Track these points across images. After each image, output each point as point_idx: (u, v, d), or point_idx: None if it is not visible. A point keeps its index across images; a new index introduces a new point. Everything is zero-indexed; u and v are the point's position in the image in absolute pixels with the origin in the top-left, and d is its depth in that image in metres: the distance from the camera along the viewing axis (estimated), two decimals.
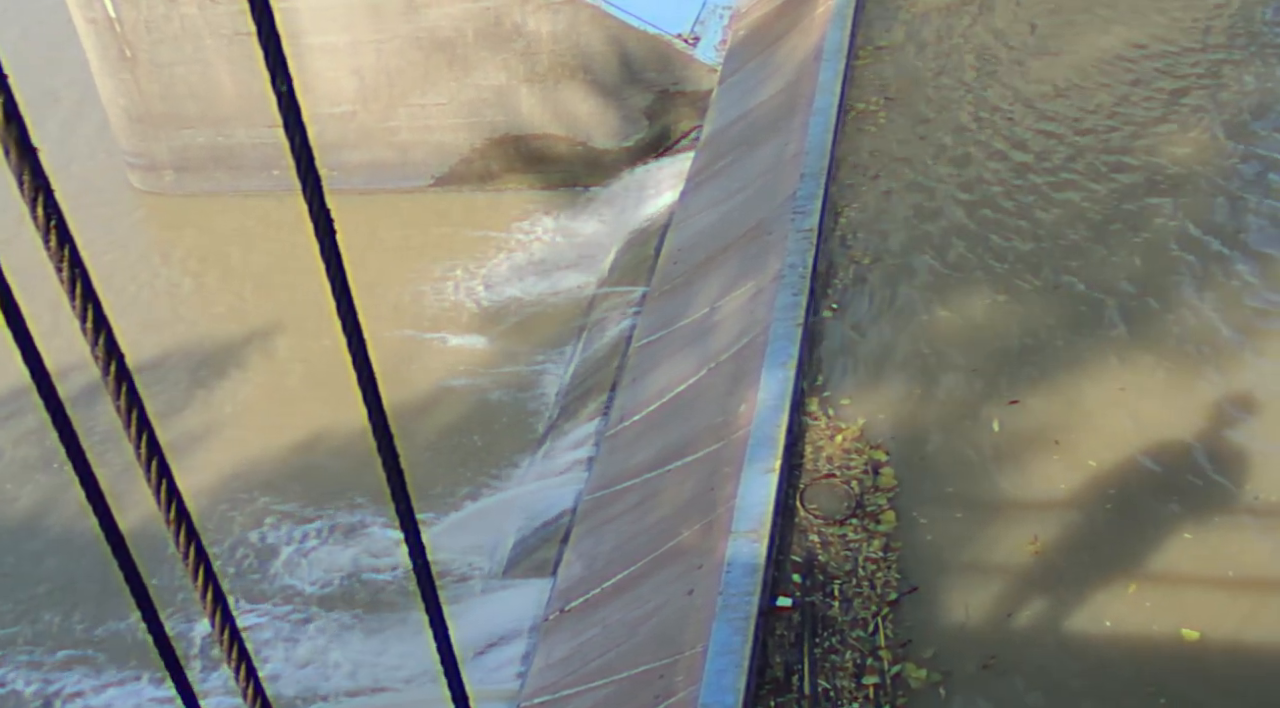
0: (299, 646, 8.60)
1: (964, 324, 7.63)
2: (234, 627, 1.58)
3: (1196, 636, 5.47)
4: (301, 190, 1.59)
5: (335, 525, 9.59)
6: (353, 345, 1.66)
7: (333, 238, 1.61)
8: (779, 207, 8.81)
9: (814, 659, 5.63)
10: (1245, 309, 7.46)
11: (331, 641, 8.59)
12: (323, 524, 9.68)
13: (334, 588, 9.07)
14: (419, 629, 8.11)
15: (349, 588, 9.05)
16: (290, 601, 9.05)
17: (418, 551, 1.83)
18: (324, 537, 9.54)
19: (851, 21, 10.95)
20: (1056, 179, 8.90)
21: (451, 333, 11.50)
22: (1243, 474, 6.29)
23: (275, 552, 9.45)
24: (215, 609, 1.54)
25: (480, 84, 13.06)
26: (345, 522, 9.66)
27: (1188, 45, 10.41)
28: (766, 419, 6.89)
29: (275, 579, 9.25)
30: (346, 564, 9.25)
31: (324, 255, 1.61)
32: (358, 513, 9.72)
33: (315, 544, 9.48)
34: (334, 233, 1.62)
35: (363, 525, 9.55)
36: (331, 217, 1.62)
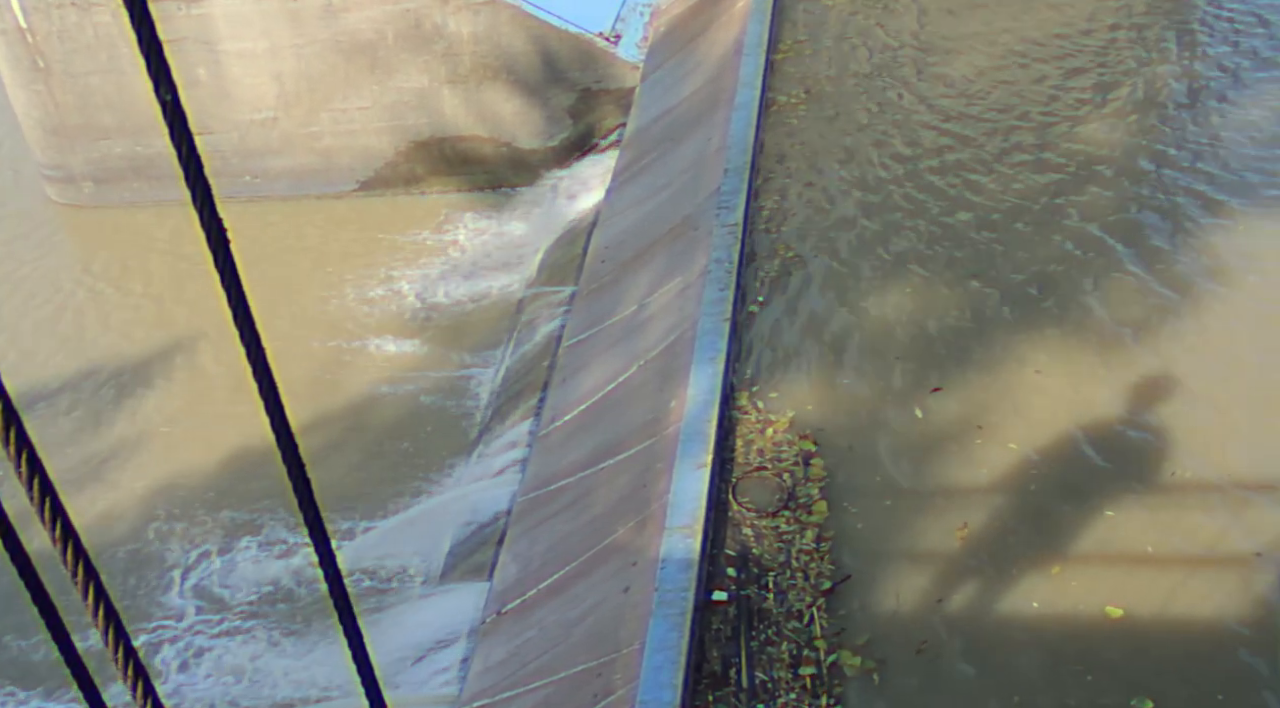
0: (231, 656, 8.49)
1: (887, 314, 7.71)
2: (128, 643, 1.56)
3: (1120, 613, 5.58)
4: (191, 199, 1.57)
5: (268, 535, 9.49)
6: (252, 355, 1.64)
7: (226, 247, 1.58)
8: (704, 202, 8.84)
9: (751, 652, 5.66)
10: (1156, 293, 7.62)
11: (264, 651, 8.49)
12: (255, 534, 9.57)
13: (267, 598, 8.97)
14: None
15: (282, 598, 8.95)
16: (222, 611, 8.93)
17: (328, 560, 1.81)
18: (257, 547, 9.42)
19: (771, 15, 11.01)
20: (976, 166, 9.03)
21: (381, 338, 11.41)
22: (1160, 453, 6.43)
23: (208, 563, 9.32)
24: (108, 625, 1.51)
25: (403, 87, 12.97)
26: (278, 531, 9.56)
27: (1082, 37, 10.62)
28: (697, 414, 6.91)
29: (207, 591, 9.13)
30: (279, 574, 9.15)
31: (217, 265, 1.58)
32: (290, 522, 9.62)
33: (248, 555, 9.37)
34: (227, 242, 1.59)
35: (295, 535, 9.45)
36: (224, 225, 1.60)
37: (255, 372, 1.66)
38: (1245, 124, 9.18)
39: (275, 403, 1.67)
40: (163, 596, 9.10)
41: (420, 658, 7.54)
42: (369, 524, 9.36)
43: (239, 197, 13.50)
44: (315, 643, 8.53)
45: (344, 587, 1.94)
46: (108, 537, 9.56)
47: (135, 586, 9.17)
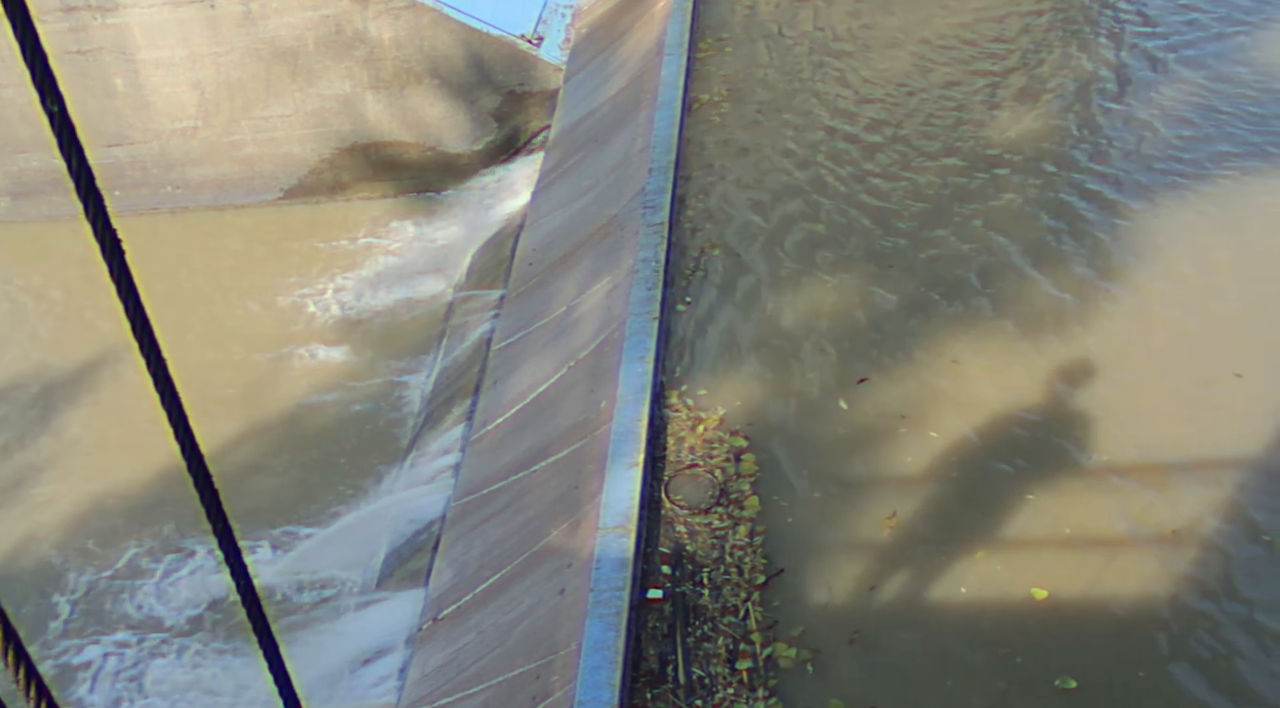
0: (169, 673, 8.38)
1: (811, 307, 7.79)
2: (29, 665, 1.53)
3: (1045, 594, 5.69)
4: (84, 212, 1.55)
5: (202, 550, 9.36)
6: (152, 365, 1.62)
7: (122, 259, 1.57)
8: (629, 202, 8.86)
9: (687, 648, 5.68)
10: (1077, 279, 7.77)
11: (201, 667, 8.38)
12: (188, 549, 9.44)
13: (202, 613, 8.85)
14: (291, 649, 7.96)
15: (218, 613, 8.84)
16: (158, 629, 8.81)
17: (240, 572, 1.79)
18: (191, 562, 9.30)
19: (691, 14, 11.06)
20: (893, 163, 9.15)
21: (310, 347, 11.29)
22: (1080, 437, 6.58)
23: (141, 580, 9.19)
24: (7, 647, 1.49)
25: (325, 93, 12.85)
26: (210, 545, 9.44)
27: (997, 35, 10.79)
28: (627, 414, 6.92)
29: (143, 608, 8.99)
30: (215, 589, 9.04)
31: (113, 276, 1.56)
32: None
33: (182, 570, 9.24)
34: (123, 254, 1.57)
35: None
36: (119, 237, 1.58)
37: (156, 383, 1.65)
38: (1144, 121, 9.40)
39: (179, 415, 1.66)
40: (100, 613, 8.96)
41: (358, 668, 7.48)
42: (303, 534, 9.27)
43: (161, 207, 13.30)
44: (254, 658, 8.44)
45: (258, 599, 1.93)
46: (28, 558, 9.39)
47: (66, 606, 9.01)
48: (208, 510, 1.78)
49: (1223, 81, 9.77)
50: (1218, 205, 8.34)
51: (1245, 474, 6.29)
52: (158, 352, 1.60)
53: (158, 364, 1.60)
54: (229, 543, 1.77)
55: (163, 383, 1.63)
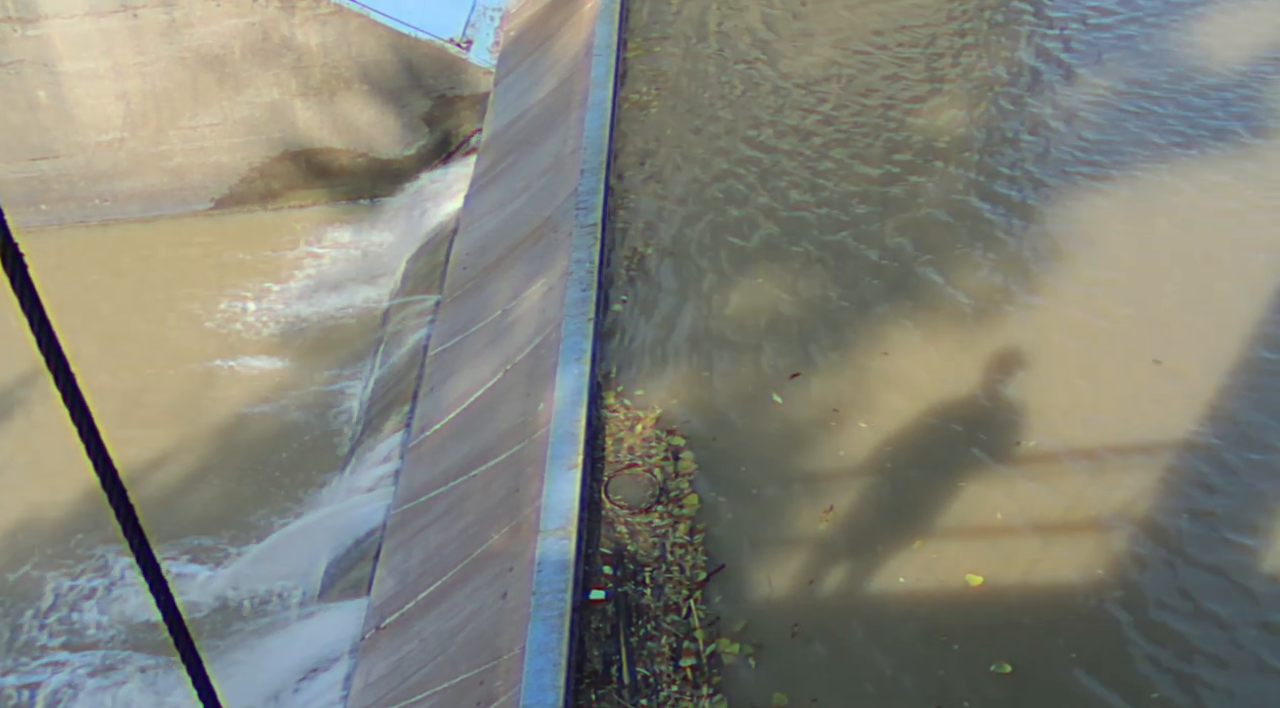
0: (107, 693, 8.26)
1: (745, 304, 7.84)
2: None
3: (979, 581, 5.78)
4: None
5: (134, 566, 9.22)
6: (60, 382, 1.60)
7: (24, 272, 1.55)
8: (563, 203, 8.86)
9: (631, 648, 5.70)
10: (1004, 271, 7.89)
11: (141, 685, 8.27)
12: (127, 567, 9.30)
13: (142, 631, 8.73)
14: (233, 665, 7.89)
15: (158, 630, 8.72)
16: (97, 646, 8.68)
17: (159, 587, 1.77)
18: (129, 579, 9.16)
19: (620, 15, 11.07)
20: (825, 158, 9.23)
21: (246, 358, 11.17)
22: (1010, 426, 6.68)
23: (78, 599, 9.04)
24: None
25: (254, 101, 12.72)
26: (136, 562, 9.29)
27: (924, 28, 10.92)
28: (565, 416, 6.92)
29: (80, 627, 8.86)
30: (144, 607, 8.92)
31: (15, 289, 1.54)
32: (164, 551, 9.37)
33: (120, 588, 9.11)
34: (25, 267, 1.55)
35: (167, 563, 9.23)
36: (20, 251, 1.56)
37: (65, 398, 1.63)
38: (1074, 111, 9.55)
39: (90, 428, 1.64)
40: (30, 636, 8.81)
41: (302, 681, 7.42)
42: (243, 548, 9.17)
43: (89, 221, 13.10)
44: None
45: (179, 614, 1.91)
46: None
47: None
48: (123, 526, 1.76)
49: (1146, 72, 9.95)
50: (1139, 196, 8.51)
51: (1171, 457, 6.43)
52: (65, 366, 1.58)
53: (66, 379, 1.58)
54: (146, 557, 1.76)
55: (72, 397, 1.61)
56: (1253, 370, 6.95)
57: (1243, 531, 6.00)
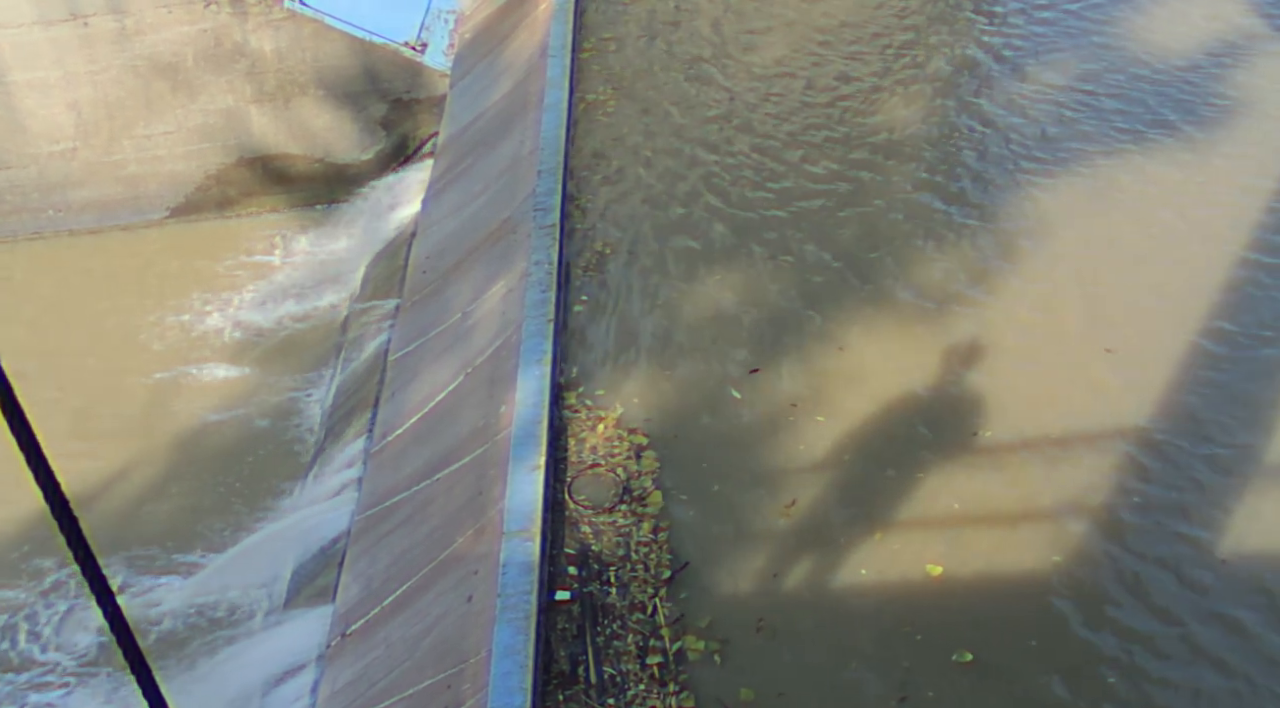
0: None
1: (704, 301, 7.88)
2: None
3: (940, 570, 5.84)
4: None
5: None
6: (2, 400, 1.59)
7: None
8: (521, 205, 8.86)
9: (597, 648, 5.71)
10: (959, 263, 7.97)
11: (104, 699, 8.21)
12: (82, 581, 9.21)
13: (105, 644, 8.66)
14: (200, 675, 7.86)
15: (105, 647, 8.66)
16: (59, 663, 8.61)
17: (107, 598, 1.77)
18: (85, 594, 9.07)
19: (574, 15, 11.07)
20: (780, 154, 9.29)
21: (206, 367, 11.10)
22: (970, 416, 6.77)
23: (36, 615, 8.95)
24: None
25: (208, 108, 12.63)
26: (114, 572, 9.23)
27: (875, 23, 11.00)
28: (527, 417, 6.92)
29: (42, 642, 8.78)
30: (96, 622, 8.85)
31: None
32: (128, 564, 9.30)
33: (78, 603, 9.03)
34: None
35: (131, 577, 9.15)
36: None
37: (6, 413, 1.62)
38: (1019, 106, 9.65)
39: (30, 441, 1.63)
40: None
41: (270, 689, 7.38)
42: (207, 558, 9.12)
43: (43, 232, 12.97)
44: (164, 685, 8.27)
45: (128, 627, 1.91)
46: None
47: None
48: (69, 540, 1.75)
49: (1089, 65, 10.07)
50: (1086, 189, 8.63)
51: (1124, 446, 6.53)
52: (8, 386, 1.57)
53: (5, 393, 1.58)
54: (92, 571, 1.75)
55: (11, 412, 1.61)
56: (1202, 359, 7.07)
57: (1193, 519, 6.11)
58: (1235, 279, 7.65)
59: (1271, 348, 7.11)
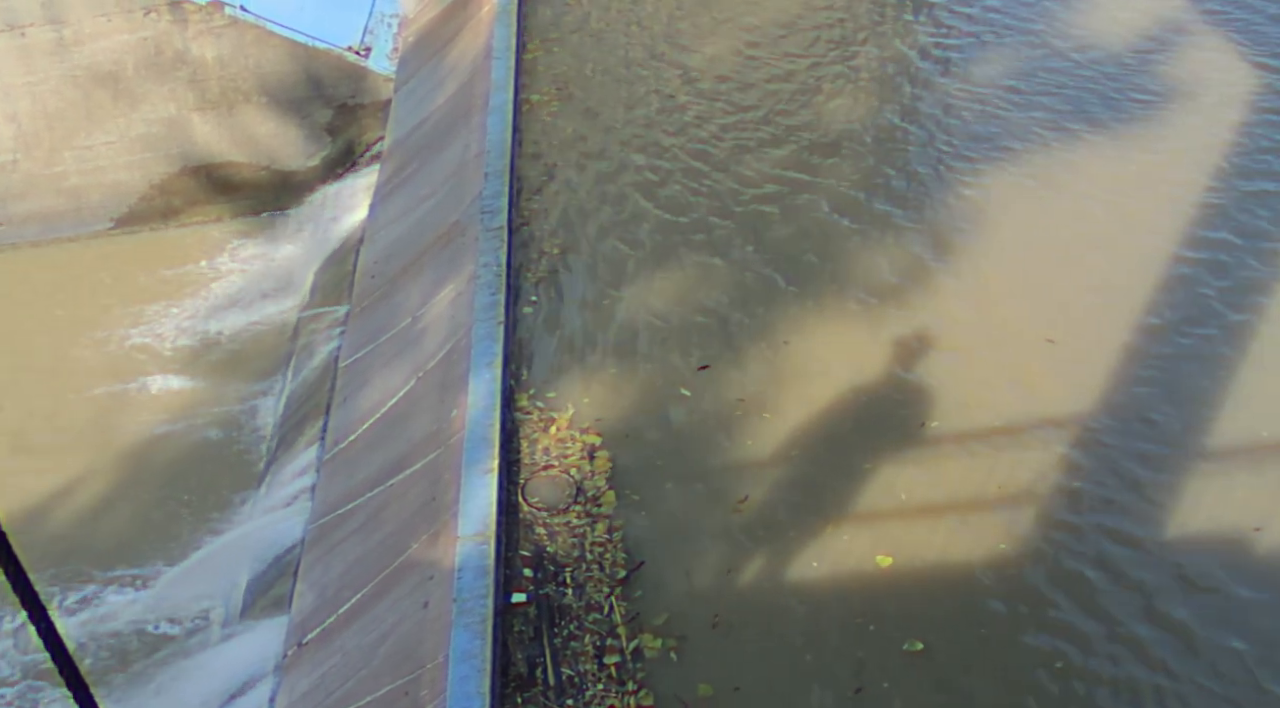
0: None
1: (652, 301, 7.92)
2: None
3: (890, 561, 5.90)
4: None
5: (54, 594, 9.04)
6: None
7: None
8: (468, 208, 8.84)
9: (555, 649, 5.72)
10: (904, 257, 8.07)
11: None
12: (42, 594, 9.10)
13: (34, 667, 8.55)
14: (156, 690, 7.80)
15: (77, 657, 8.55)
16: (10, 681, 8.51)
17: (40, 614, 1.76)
18: None
19: (517, 16, 11.07)
20: (726, 151, 9.35)
21: (155, 378, 10.97)
22: (918, 407, 6.85)
23: None
24: None
25: (150, 117, 12.51)
26: (66, 589, 9.13)
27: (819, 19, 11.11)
28: (479, 421, 6.92)
29: None
30: (72, 632, 8.76)
31: None
32: (79, 579, 9.21)
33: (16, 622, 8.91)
34: None
35: (82, 592, 9.06)
36: None
37: None
38: (959, 99, 9.77)
39: None
40: None
41: (227, 702, 7.34)
42: (161, 571, 9.04)
43: None
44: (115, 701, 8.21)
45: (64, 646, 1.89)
46: None
47: None
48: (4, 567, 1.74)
49: (1030, 55, 10.20)
50: (1026, 181, 8.75)
51: (1068, 434, 6.62)
52: None
53: None
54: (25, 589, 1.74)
55: None
56: (1139, 349, 7.19)
57: (1134, 507, 6.21)
58: (1167, 271, 7.78)
59: (1206, 338, 7.25)
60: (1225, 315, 7.37)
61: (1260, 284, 7.63)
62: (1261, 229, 8.05)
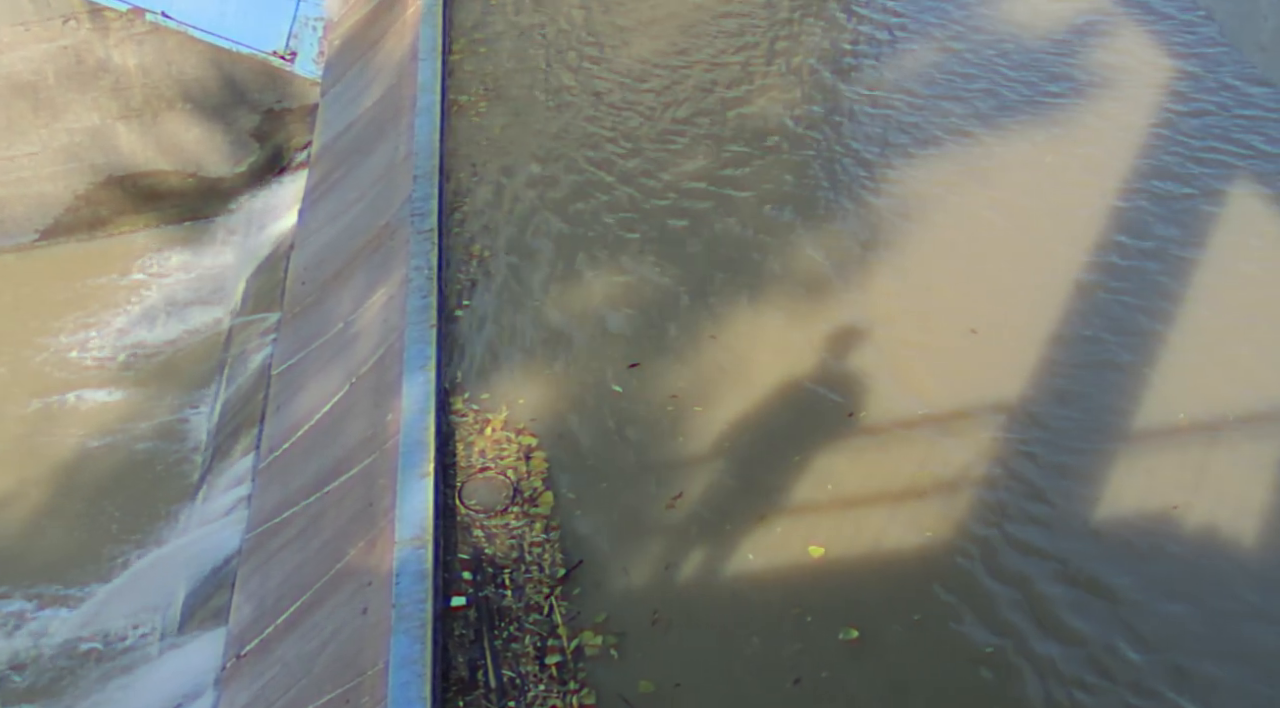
0: None
1: (584, 298, 7.93)
2: None
3: (821, 551, 5.97)
4: None
5: None
6: None
7: None
8: (398, 211, 8.80)
9: (495, 651, 5.72)
10: (829, 248, 8.16)
11: None
12: None
13: None
14: None
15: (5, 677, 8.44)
16: None
17: None
18: None
19: (443, 18, 11.02)
20: (655, 147, 9.38)
21: (85, 391, 10.83)
22: (841, 398, 6.94)
23: None
24: None
25: (73, 127, 12.33)
26: None
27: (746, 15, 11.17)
28: (414, 424, 6.89)
29: None
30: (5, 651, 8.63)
31: None
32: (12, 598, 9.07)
33: None
34: None
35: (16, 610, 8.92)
36: None
37: None
38: (889, 88, 9.90)
39: None
40: None
41: None
42: (96, 587, 8.92)
43: None
44: None
45: None
46: None
47: None
48: None
49: (959, 43, 10.33)
50: (955, 170, 8.88)
51: (994, 422, 6.74)
52: None
53: None
54: None
55: None
56: (1059, 336, 7.32)
57: (1063, 492, 6.33)
58: (1084, 262, 7.92)
59: (1122, 326, 7.39)
60: (1139, 305, 7.53)
61: (1172, 273, 7.80)
62: (1169, 223, 8.23)
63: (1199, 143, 8.91)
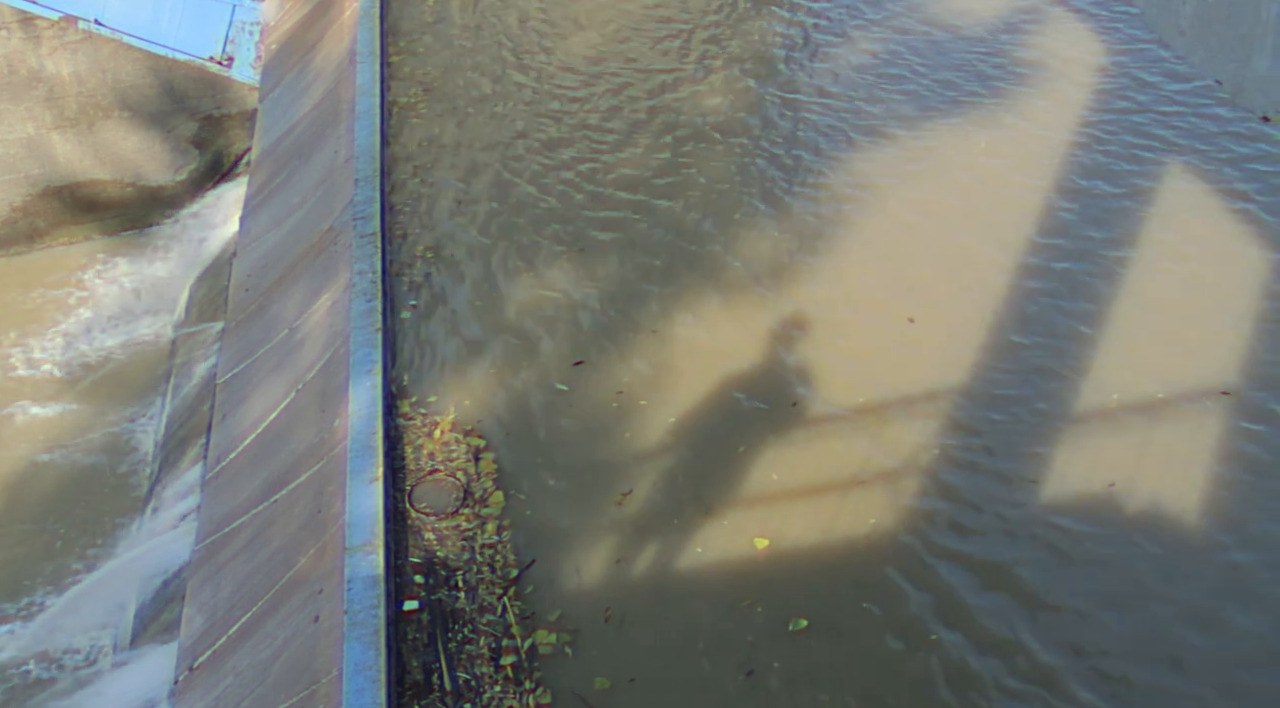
0: None
1: (527, 298, 7.94)
2: None
3: (766, 543, 6.03)
4: None
5: None
6: None
7: None
8: (340, 215, 8.75)
9: (450, 654, 5.71)
10: (775, 242, 8.22)
11: None
12: None
13: None
14: None
15: None
16: None
17: None
18: None
19: (380, 19, 10.96)
20: (598, 145, 9.40)
21: (24, 405, 10.69)
22: (785, 389, 7.01)
23: None
24: None
25: (7, 138, 12.16)
26: None
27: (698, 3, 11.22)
28: (362, 429, 6.86)
29: None
30: None
31: None
32: None
33: None
34: None
35: None
36: None
37: None
38: (834, 80, 9.99)
39: None
40: None
41: None
42: (44, 604, 8.82)
43: None
44: None
45: None
46: None
47: None
48: None
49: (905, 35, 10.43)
50: (899, 161, 8.98)
51: (938, 406, 6.84)
52: None
53: None
54: None
55: None
56: (996, 323, 7.43)
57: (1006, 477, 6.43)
58: (1020, 251, 8.03)
59: (1058, 312, 7.51)
60: (1074, 292, 7.65)
61: (1104, 262, 7.93)
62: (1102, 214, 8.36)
63: (1128, 139, 9.05)
